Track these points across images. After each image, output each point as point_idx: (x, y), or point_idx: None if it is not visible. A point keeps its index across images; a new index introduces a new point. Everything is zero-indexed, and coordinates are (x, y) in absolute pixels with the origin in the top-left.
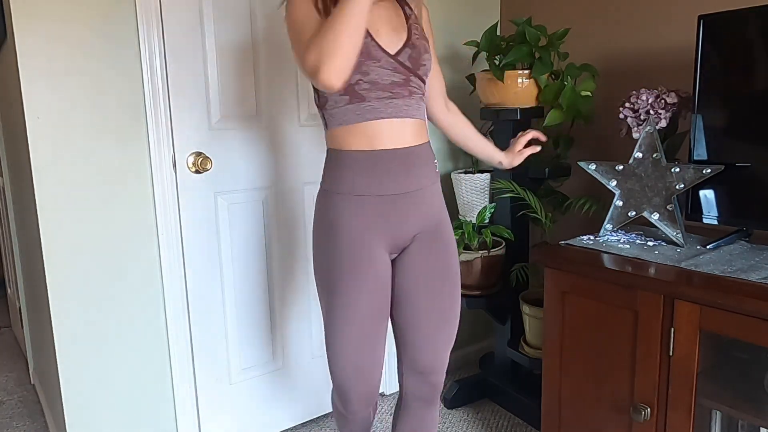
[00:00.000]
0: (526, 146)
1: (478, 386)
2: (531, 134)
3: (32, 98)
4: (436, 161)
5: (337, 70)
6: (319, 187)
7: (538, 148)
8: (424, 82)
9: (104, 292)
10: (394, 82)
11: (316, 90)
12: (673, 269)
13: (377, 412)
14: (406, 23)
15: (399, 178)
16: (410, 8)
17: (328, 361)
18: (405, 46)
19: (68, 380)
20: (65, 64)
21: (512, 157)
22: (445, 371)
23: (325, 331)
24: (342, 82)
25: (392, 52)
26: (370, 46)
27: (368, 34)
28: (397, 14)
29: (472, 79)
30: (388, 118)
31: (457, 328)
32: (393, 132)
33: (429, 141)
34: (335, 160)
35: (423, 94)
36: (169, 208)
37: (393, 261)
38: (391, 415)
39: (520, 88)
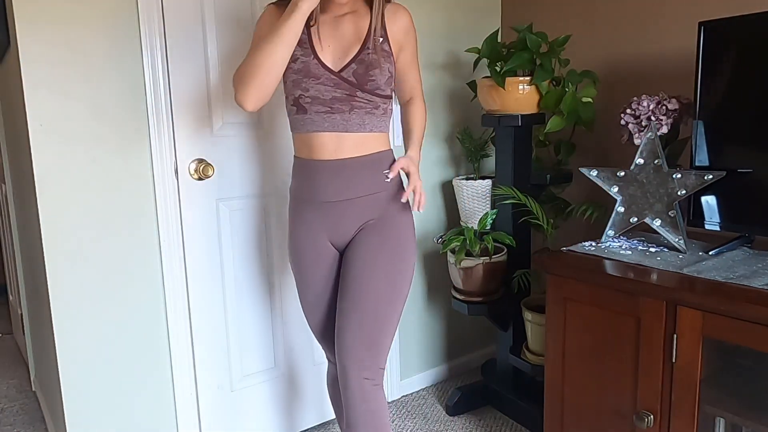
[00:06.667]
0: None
1: (480, 393)
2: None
3: (35, 106)
4: (386, 171)
5: (249, 98)
6: None
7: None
8: (377, 95)
9: (106, 300)
10: (335, 97)
11: (286, 95)
12: (676, 275)
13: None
14: (365, 36)
15: (333, 188)
16: (381, 18)
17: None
18: (352, 61)
19: (69, 387)
20: (68, 71)
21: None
22: (365, 359)
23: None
24: (256, 107)
25: (336, 69)
26: (310, 65)
27: (312, 52)
28: (358, 26)
29: (473, 85)
30: (325, 131)
31: (388, 328)
32: (329, 144)
33: (381, 151)
34: (293, 163)
35: (376, 107)
36: (170, 215)
37: (341, 254)
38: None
39: (521, 95)
